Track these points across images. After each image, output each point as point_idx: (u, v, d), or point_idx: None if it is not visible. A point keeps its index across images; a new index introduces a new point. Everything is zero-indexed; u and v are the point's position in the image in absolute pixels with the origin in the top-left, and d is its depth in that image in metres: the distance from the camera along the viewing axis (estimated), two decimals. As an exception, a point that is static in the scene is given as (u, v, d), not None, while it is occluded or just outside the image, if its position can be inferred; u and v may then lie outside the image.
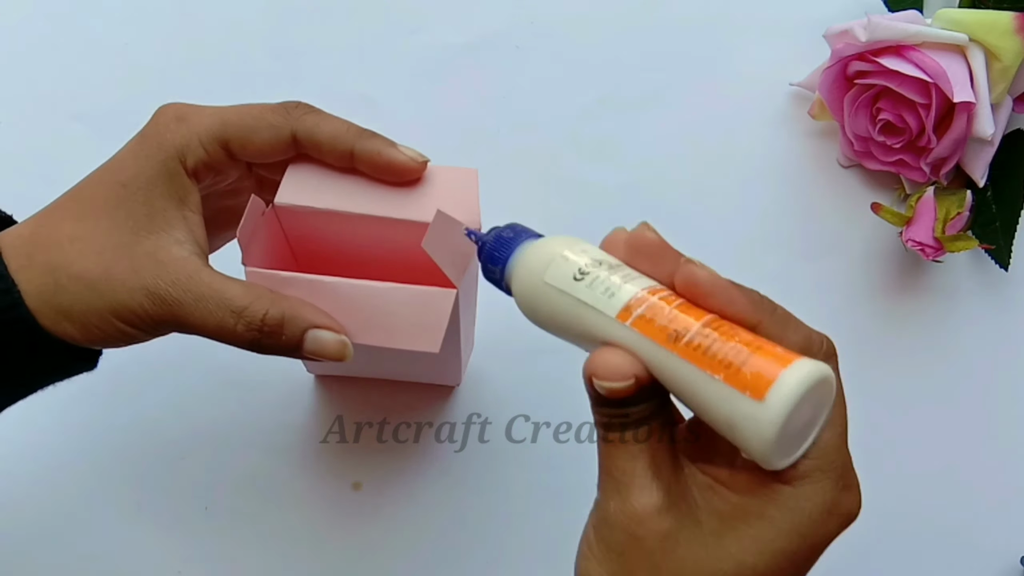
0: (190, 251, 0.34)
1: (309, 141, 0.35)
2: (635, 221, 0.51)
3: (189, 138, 0.34)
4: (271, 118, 0.35)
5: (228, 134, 0.35)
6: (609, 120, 0.52)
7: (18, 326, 0.33)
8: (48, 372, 0.35)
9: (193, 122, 0.35)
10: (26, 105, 0.51)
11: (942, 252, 0.47)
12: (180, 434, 0.48)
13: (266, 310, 0.33)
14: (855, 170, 0.52)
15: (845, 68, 0.48)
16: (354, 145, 0.35)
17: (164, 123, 0.35)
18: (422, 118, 0.52)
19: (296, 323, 0.34)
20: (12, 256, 0.33)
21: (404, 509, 0.48)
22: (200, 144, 0.34)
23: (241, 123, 0.35)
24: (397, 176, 0.36)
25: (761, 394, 0.25)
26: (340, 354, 0.34)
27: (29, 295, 0.33)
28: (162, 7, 0.52)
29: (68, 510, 0.47)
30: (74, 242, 0.33)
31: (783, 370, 0.26)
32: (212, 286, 0.33)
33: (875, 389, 0.50)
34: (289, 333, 0.34)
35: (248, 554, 0.47)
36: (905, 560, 0.49)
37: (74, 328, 0.33)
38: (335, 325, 0.35)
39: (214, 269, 0.34)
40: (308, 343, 0.34)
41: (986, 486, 0.50)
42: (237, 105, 0.36)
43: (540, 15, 0.53)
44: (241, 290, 0.33)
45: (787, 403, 0.25)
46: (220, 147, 0.35)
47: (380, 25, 0.52)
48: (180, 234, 0.34)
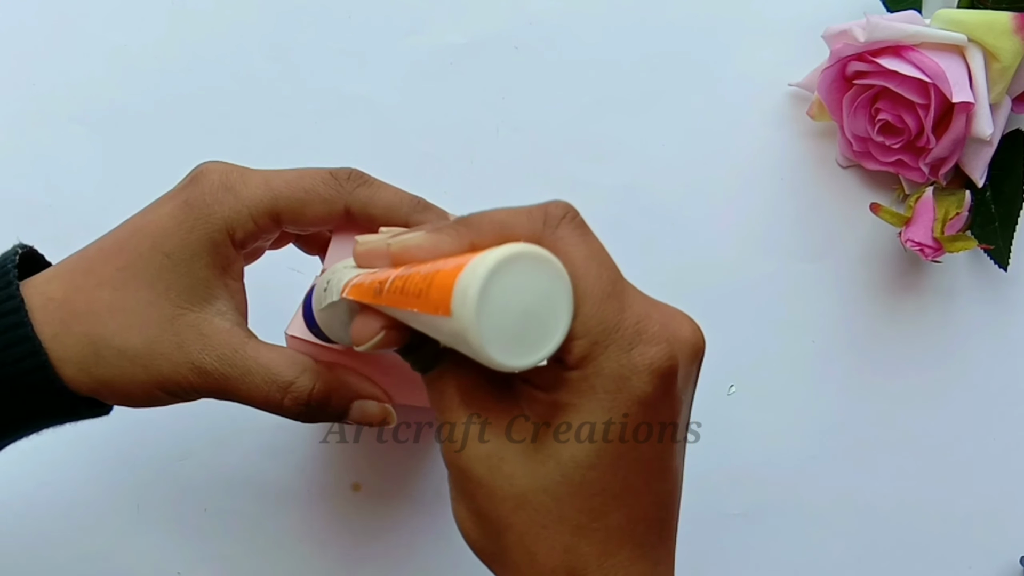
0: (233, 321, 0.34)
1: (363, 215, 0.34)
2: (634, 221, 0.51)
3: (239, 211, 0.33)
4: (324, 191, 0.34)
5: (279, 207, 0.34)
6: (608, 120, 0.52)
7: (43, 388, 0.33)
8: (64, 419, 0.35)
9: (243, 194, 0.34)
10: (25, 106, 0.51)
11: (941, 252, 0.47)
12: (180, 434, 0.48)
13: (313, 384, 0.33)
14: (854, 170, 0.52)
15: (844, 68, 0.48)
16: (409, 218, 0.35)
17: (211, 191, 0.34)
18: (421, 118, 0.52)
19: (342, 395, 0.34)
20: (45, 322, 0.32)
21: (404, 509, 0.48)
22: (251, 218, 0.34)
23: (292, 196, 0.34)
24: None
25: (448, 310, 0.25)
26: (384, 422, 0.35)
27: (66, 363, 0.32)
28: (161, 8, 0.52)
29: (68, 511, 0.47)
30: (114, 313, 0.33)
31: (456, 278, 0.25)
32: (258, 360, 0.33)
33: (874, 389, 0.50)
34: (335, 406, 0.34)
35: (248, 555, 0.47)
36: (905, 560, 0.49)
37: (113, 396, 0.33)
38: (379, 393, 0.35)
39: (258, 339, 0.34)
40: (354, 413, 0.34)
41: (986, 486, 0.50)
42: (285, 172, 0.35)
43: (539, 16, 0.53)
44: (286, 363, 0.33)
45: (472, 308, 0.24)
46: (270, 220, 0.34)
47: (379, 25, 0.52)
48: (223, 304, 0.34)
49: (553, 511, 0.28)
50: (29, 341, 0.32)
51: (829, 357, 0.50)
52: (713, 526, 0.49)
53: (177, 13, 0.52)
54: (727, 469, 0.49)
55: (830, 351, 0.50)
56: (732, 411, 0.49)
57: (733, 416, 0.49)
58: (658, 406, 0.28)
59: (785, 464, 0.49)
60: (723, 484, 0.49)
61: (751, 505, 0.49)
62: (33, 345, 0.32)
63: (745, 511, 0.49)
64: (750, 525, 0.49)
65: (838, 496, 0.49)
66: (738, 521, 0.49)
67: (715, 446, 0.49)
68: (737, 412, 0.49)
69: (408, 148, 0.51)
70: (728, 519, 0.49)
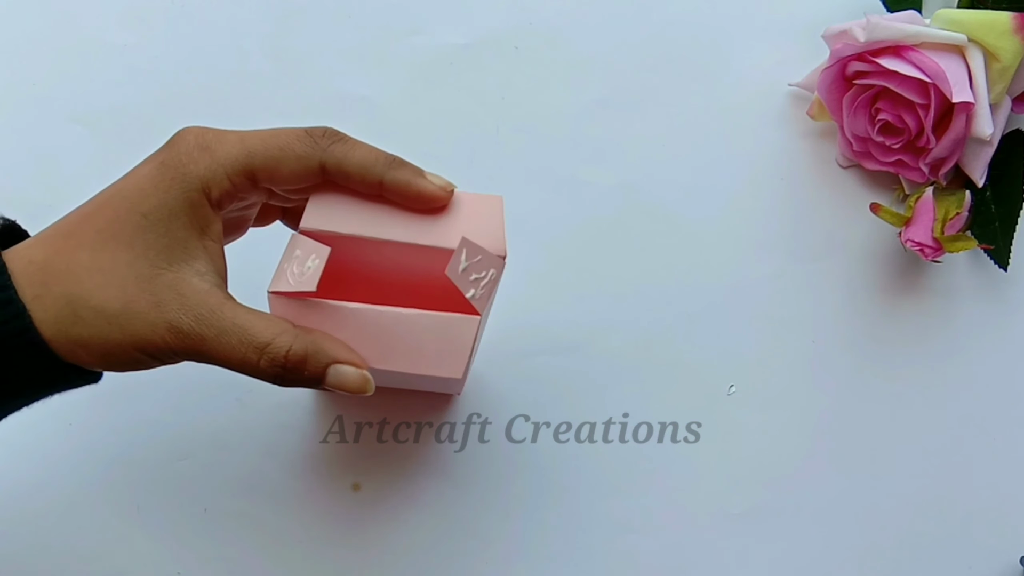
0: (211, 283, 0.34)
1: (338, 171, 0.35)
2: (634, 221, 0.51)
3: (215, 170, 0.34)
4: (298, 148, 0.34)
5: (255, 165, 0.34)
6: (608, 120, 0.52)
7: (28, 350, 0.33)
8: (52, 387, 0.35)
9: (218, 152, 0.34)
10: (25, 107, 0.51)
11: (941, 252, 0.47)
12: (179, 435, 0.48)
13: (289, 346, 0.33)
14: (854, 170, 0.52)
15: (844, 68, 0.48)
16: (383, 175, 0.35)
17: (187, 151, 0.34)
18: (421, 119, 0.52)
19: (319, 358, 0.34)
20: (26, 284, 0.33)
21: (404, 509, 0.48)
22: (226, 176, 0.34)
23: (267, 153, 0.34)
24: (425, 204, 0.36)
25: None
26: (361, 388, 0.34)
27: (45, 324, 0.32)
28: (161, 8, 0.52)
29: (68, 511, 0.47)
30: (92, 273, 0.33)
31: None
32: (235, 321, 0.33)
33: (874, 389, 0.50)
34: (311, 368, 0.34)
35: (248, 555, 0.47)
36: (905, 560, 0.49)
37: (91, 357, 0.33)
38: (357, 359, 0.35)
39: (236, 301, 0.34)
40: (330, 377, 0.34)
41: (986, 486, 0.50)
42: (261, 131, 0.35)
43: (539, 16, 0.53)
44: (263, 324, 0.33)
45: None
46: (246, 178, 0.34)
47: (379, 26, 0.52)
48: (201, 265, 0.34)
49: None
50: (13, 304, 0.32)
51: (829, 357, 0.50)
52: (713, 526, 0.49)
53: (177, 13, 0.52)
54: (727, 469, 0.49)
55: (830, 351, 0.50)
56: (732, 411, 0.49)
57: (733, 416, 0.49)
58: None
59: (785, 464, 0.49)
60: (723, 484, 0.49)
61: (751, 505, 0.49)
62: (17, 308, 0.32)
63: (745, 511, 0.49)
64: (750, 525, 0.49)
65: (838, 496, 0.49)
66: (738, 521, 0.49)
67: (715, 446, 0.49)
68: (737, 412, 0.49)
69: (408, 148, 0.51)
70: (728, 519, 0.49)
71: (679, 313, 0.50)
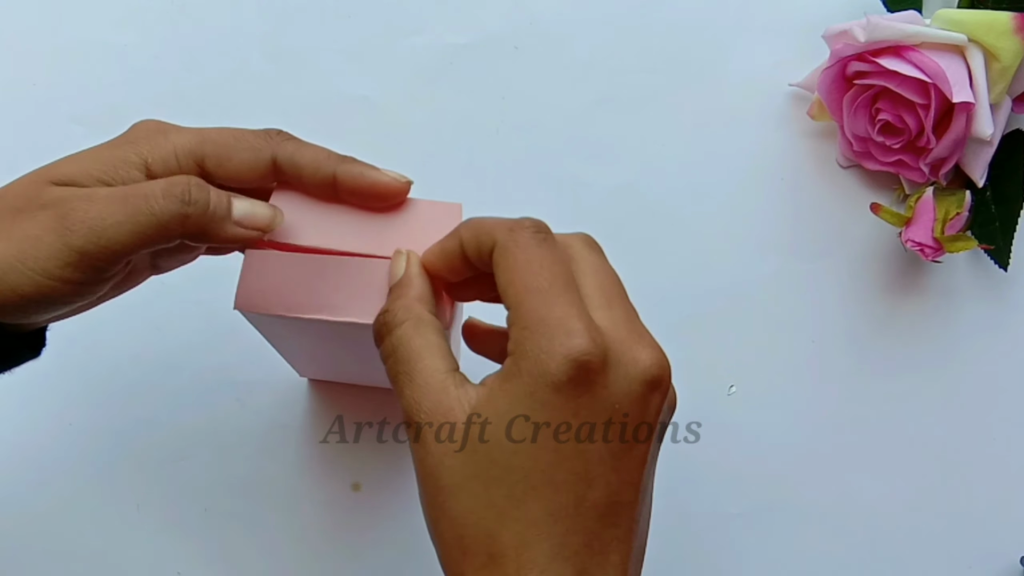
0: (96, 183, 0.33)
1: (290, 166, 0.34)
2: (634, 221, 0.51)
3: (164, 146, 0.33)
4: (252, 140, 0.34)
5: (205, 150, 0.34)
6: (608, 120, 0.52)
7: None
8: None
9: (172, 135, 0.34)
10: (25, 107, 0.51)
11: (941, 252, 0.47)
12: (179, 435, 0.48)
13: (188, 180, 0.32)
14: (854, 170, 0.52)
15: (844, 68, 0.48)
16: (336, 169, 0.34)
17: (144, 133, 0.34)
18: (421, 119, 0.52)
19: (220, 195, 0.33)
20: None
21: (404, 509, 0.48)
22: (175, 156, 0.34)
23: (220, 141, 0.34)
24: (381, 199, 0.35)
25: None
26: (270, 219, 0.34)
27: None
28: (161, 9, 0.52)
29: (67, 511, 0.47)
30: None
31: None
32: (137, 188, 0.32)
33: (874, 389, 0.50)
34: (216, 199, 0.33)
35: (248, 555, 0.47)
36: (905, 560, 0.49)
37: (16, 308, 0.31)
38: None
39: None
40: (236, 209, 0.33)
41: (986, 486, 0.50)
42: (218, 127, 0.35)
43: (539, 16, 0.53)
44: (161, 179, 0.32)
45: None
46: (195, 163, 0.34)
47: (379, 26, 0.52)
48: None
49: (482, 497, 0.29)
50: None
51: (829, 357, 0.50)
52: (713, 526, 0.49)
53: (177, 13, 0.52)
54: (727, 469, 0.49)
55: (830, 351, 0.50)
56: (732, 411, 0.49)
57: (733, 416, 0.49)
58: (574, 397, 0.30)
59: (785, 464, 0.49)
60: (723, 484, 0.49)
61: (751, 505, 0.49)
62: None
63: (745, 511, 0.49)
64: (750, 525, 0.49)
65: (838, 496, 0.49)
66: (738, 521, 0.49)
67: (715, 446, 0.49)
68: (737, 412, 0.49)
69: (408, 148, 0.51)
70: (728, 519, 0.49)
71: (679, 313, 0.50)
